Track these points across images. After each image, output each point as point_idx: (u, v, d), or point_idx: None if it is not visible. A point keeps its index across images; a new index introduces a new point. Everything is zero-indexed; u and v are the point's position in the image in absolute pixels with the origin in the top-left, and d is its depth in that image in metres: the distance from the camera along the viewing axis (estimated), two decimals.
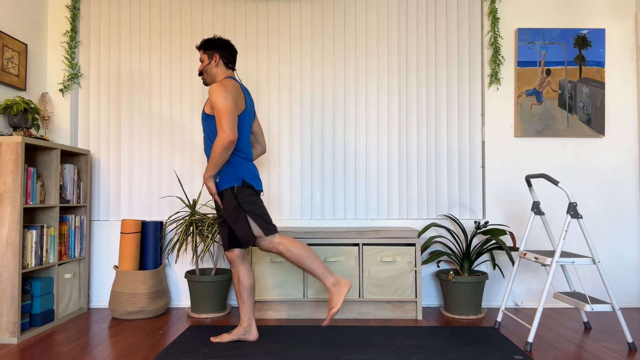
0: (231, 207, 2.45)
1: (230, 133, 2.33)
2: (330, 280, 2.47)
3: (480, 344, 2.55)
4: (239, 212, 2.45)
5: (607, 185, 3.51)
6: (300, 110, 3.57)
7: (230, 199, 2.45)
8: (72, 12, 3.52)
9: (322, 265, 2.49)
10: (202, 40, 2.58)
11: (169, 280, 3.51)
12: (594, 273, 3.50)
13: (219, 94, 2.37)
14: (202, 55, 2.58)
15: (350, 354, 2.40)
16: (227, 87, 2.41)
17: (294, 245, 2.47)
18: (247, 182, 2.47)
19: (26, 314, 2.80)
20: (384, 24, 3.58)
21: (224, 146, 2.34)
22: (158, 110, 3.58)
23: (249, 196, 2.47)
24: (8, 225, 2.66)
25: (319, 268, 2.47)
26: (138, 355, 2.40)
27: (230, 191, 2.45)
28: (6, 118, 3.04)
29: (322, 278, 2.47)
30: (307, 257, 2.46)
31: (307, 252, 2.48)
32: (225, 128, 2.34)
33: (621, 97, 3.53)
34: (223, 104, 2.36)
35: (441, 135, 3.56)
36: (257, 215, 2.46)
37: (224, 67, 2.58)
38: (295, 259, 2.47)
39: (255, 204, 2.48)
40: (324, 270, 2.48)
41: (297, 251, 2.46)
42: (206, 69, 2.57)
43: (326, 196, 3.56)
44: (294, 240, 2.50)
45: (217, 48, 2.55)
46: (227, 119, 2.35)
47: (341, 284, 2.48)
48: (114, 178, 3.57)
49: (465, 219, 3.53)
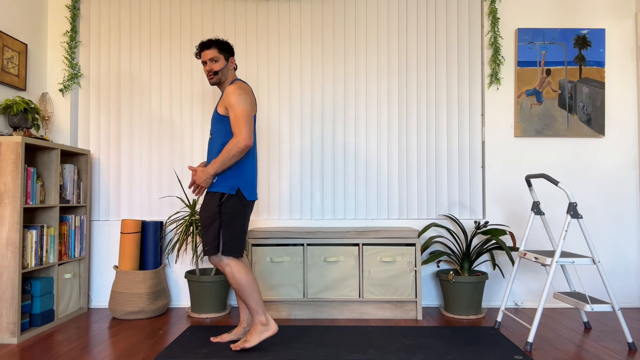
0: (210, 211, 2.40)
1: (248, 138, 2.33)
2: (260, 319, 2.42)
3: (480, 344, 2.55)
4: (214, 220, 2.39)
5: (607, 185, 3.51)
6: (300, 111, 3.57)
7: (214, 204, 2.40)
8: (72, 12, 3.52)
9: (259, 302, 2.42)
10: (217, 40, 2.53)
11: (169, 280, 3.51)
12: (594, 273, 3.50)
13: (237, 96, 2.38)
14: (218, 54, 2.51)
15: (350, 354, 2.40)
16: (246, 90, 2.42)
17: (240, 274, 2.39)
18: (241, 192, 2.42)
19: (26, 314, 2.80)
20: (384, 24, 3.58)
21: (240, 149, 2.33)
22: (158, 111, 3.58)
23: (232, 209, 2.40)
24: (8, 225, 2.66)
25: (254, 303, 2.41)
26: (138, 355, 2.40)
27: (219, 196, 2.40)
28: (6, 118, 3.04)
29: (254, 314, 2.42)
30: (247, 289, 2.39)
31: (249, 284, 2.40)
32: (243, 132, 2.33)
33: (621, 97, 3.53)
34: (242, 108, 2.36)
35: (441, 135, 3.56)
36: (228, 232, 2.39)
37: (233, 70, 2.61)
38: (236, 286, 2.40)
39: (233, 221, 2.40)
40: (258, 307, 2.41)
41: (239, 278, 2.38)
42: (223, 69, 2.54)
43: (326, 196, 3.56)
44: (245, 269, 2.41)
45: (231, 52, 2.58)
46: (245, 123, 2.34)
47: (268, 327, 2.42)
48: (114, 178, 3.57)
49: (465, 219, 3.53)
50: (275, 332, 2.45)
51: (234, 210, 2.41)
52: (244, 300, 2.42)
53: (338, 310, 3.14)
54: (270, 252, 3.15)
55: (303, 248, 3.15)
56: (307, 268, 3.14)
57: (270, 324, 2.43)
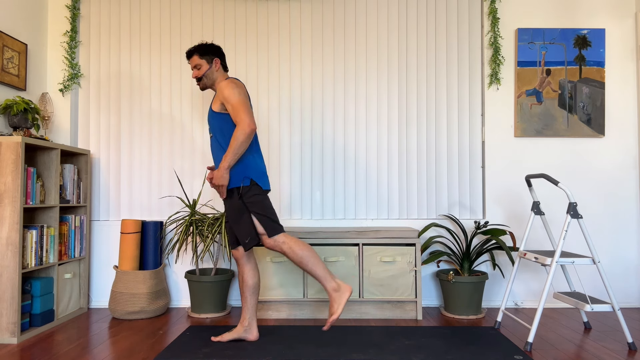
0: (235, 207, 2.46)
1: (251, 122, 2.39)
2: (331, 285, 2.46)
3: (480, 344, 2.55)
4: (242, 213, 2.46)
5: (607, 185, 3.51)
6: (300, 110, 3.57)
7: (236, 199, 2.46)
8: (72, 12, 3.52)
9: (324, 268, 2.48)
10: (197, 46, 2.60)
11: (169, 280, 3.51)
12: (594, 273, 3.50)
13: (231, 89, 2.43)
14: (199, 60, 2.59)
15: (350, 354, 2.40)
16: (236, 83, 2.48)
17: (297, 246, 2.47)
18: (254, 181, 2.48)
19: (26, 314, 2.80)
20: (384, 24, 3.58)
21: (246, 133, 2.37)
22: (158, 110, 3.58)
23: (254, 196, 2.47)
24: (8, 225, 2.66)
25: (320, 271, 2.46)
26: (138, 355, 2.40)
27: (237, 191, 2.46)
28: (6, 118, 3.04)
29: (323, 281, 2.47)
30: (310, 259, 2.46)
31: (310, 254, 2.47)
32: (244, 118, 2.38)
33: (621, 97, 3.53)
34: (237, 98, 2.42)
35: (441, 135, 3.56)
36: (262, 215, 2.47)
37: (222, 70, 2.64)
38: (298, 260, 2.46)
39: (261, 204, 2.48)
40: (325, 273, 2.47)
41: (300, 252, 2.46)
42: (207, 73, 2.60)
43: (326, 196, 3.56)
44: (298, 241, 2.49)
45: (215, 53, 2.61)
46: (244, 110, 2.40)
47: (342, 289, 2.46)
48: (114, 178, 3.57)
49: (465, 219, 3.53)
50: (351, 293, 2.56)
51: (256, 197, 2.47)
52: (310, 271, 2.46)
53: None
54: (270, 252, 3.16)
55: None
56: None
57: (342, 287, 2.47)
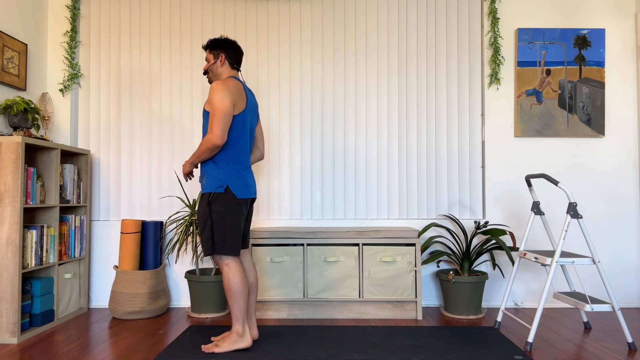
0: (202, 211, 2.39)
1: (218, 137, 2.28)
2: (237, 328, 2.39)
3: (480, 344, 2.55)
4: (206, 220, 2.38)
5: (607, 185, 3.51)
6: (300, 110, 3.57)
7: (204, 204, 2.39)
8: (72, 12, 3.52)
9: (242, 310, 2.38)
10: (209, 40, 2.55)
11: (169, 280, 3.51)
12: (594, 273, 3.50)
13: (218, 92, 2.33)
14: (208, 54, 2.54)
15: (350, 354, 2.40)
16: (228, 86, 2.36)
17: (235, 277, 2.36)
18: (230, 189, 2.37)
19: (26, 314, 2.80)
20: (384, 23, 3.58)
21: (208, 148, 2.31)
22: (158, 110, 3.58)
23: (222, 207, 2.36)
24: (8, 225, 2.66)
25: (237, 310, 2.37)
26: (138, 355, 2.40)
27: (207, 197, 2.38)
28: (6, 118, 3.04)
29: (234, 320, 2.39)
30: (235, 295, 2.36)
31: (240, 291, 2.36)
32: (215, 130, 2.29)
33: (621, 97, 3.53)
34: (219, 104, 2.31)
35: (441, 135, 3.56)
36: (219, 231, 2.35)
37: (229, 67, 2.53)
38: (226, 288, 2.38)
39: (223, 219, 2.35)
40: (240, 315, 2.38)
41: (231, 283, 2.36)
42: (211, 68, 2.52)
43: (326, 196, 3.56)
44: (241, 274, 2.38)
45: (223, 48, 2.52)
46: (219, 121, 2.29)
47: (243, 340, 2.40)
48: (114, 178, 3.57)
49: (465, 219, 3.53)
50: (248, 347, 2.42)
51: (225, 209, 2.36)
52: (229, 304, 2.39)
53: (338, 310, 3.14)
54: (270, 252, 3.15)
55: (303, 248, 3.15)
56: (307, 268, 3.14)
57: (245, 337, 2.41)
